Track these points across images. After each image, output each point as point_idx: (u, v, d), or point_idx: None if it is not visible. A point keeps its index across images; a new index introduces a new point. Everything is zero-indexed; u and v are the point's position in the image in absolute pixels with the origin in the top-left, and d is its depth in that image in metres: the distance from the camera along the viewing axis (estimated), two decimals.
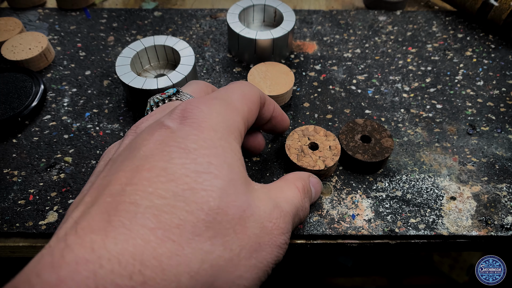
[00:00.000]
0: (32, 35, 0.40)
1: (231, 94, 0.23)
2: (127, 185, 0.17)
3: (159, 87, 0.32)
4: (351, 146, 0.31)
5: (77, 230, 0.15)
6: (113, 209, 0.16)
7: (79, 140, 0.34)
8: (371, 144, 0.31)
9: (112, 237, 0.15)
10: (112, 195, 0.17)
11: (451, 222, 0.28)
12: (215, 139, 0.19)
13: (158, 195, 0.16)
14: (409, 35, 0.44)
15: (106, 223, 0.15)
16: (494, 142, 0.34)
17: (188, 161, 0.17)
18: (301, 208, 0.23)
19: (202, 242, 0.16)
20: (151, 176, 0.17)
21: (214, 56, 0.41)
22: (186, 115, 0.19)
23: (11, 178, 0.31)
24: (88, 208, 0.17)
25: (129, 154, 0.19)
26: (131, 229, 0.15)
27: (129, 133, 0.22)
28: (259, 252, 0.19)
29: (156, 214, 0.16)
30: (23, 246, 0.28)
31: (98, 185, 0.18)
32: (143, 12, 0.47)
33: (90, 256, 0.14)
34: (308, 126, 0.31)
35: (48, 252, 0.15)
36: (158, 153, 0.18)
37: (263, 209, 0.19)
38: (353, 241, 0.28)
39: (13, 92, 0.35)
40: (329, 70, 0.40)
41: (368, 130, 0.32)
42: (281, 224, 0.20)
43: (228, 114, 0.21)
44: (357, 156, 0.30)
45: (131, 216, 0.16)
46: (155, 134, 0.19)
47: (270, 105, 0.27)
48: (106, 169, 0.19)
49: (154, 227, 0.16)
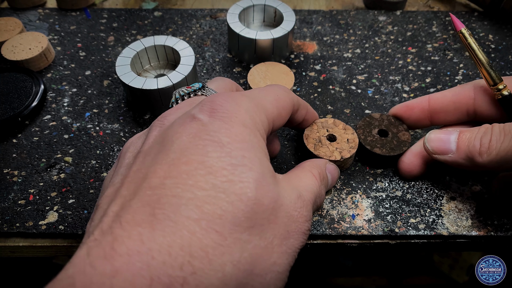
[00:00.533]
0: (32, 35, 0.40)
1: (264, 95, 0.23)
2: (166, 178, 0.17)
3: (159, 87, 0.32)
4: (369, 141, 0.31)
5: (122, 223, 0.16)
6: (156, 202, 0.16)
7: (79, 140, 0.34)
8: (388, 138, 0.31)
9: (160, 230, 0.15)
10: (152, 188, 0.17)
11: (451, 222, 0.29)
12: (245, 134, 0.19)
13: (199, 187, 0.17)
14: (409, 35, 0.44)
15: (151, 216, 0.16)
16: None
17: (223, 154, 0.18)
18: (319, 195, 0.24)
19: (241, 232, 0.17)
20: (190, 169, 0.17)
21: (214, 56, 0.41)
22: (216, 108, 0.20)
23: (11, 178, 0.31)
24: (128, 201, 0.17)
25: (162, 148, 0.19)
26: (177, 221, 0.16)
27: (156, 124, 0.22)
28: (288, 239, 0.19)
29: (199, 205, 0.16)
30: (23, 246, 0.28)
31: (134, 177, 0.18)
32: (143, 12, 0.47)
33: (141, 248, 0.15)
34: (327, 118, 0.31)
35: (96, 245, 0.15)
36: (193, 146, 0.18)
37: (289, 199, 0.20)
38: (353, 241, 0.28)
39: (13, 92, 0.36)
40: (329, 70, 0.40)
41: (385, 124, 0.32)
42: (305, 212, 0.21)
43: (255, 112, 0.21)
44: (376, 150, 0.30)
45: (175, 209, 0.16)
46: (187, 127, 0.19)
47: (303, 110, 0.28)
48: (137, 161, 0.19)
49: (198, 218, 0.16)
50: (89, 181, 0.31)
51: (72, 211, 0.29)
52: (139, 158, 0.20)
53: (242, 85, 0.38)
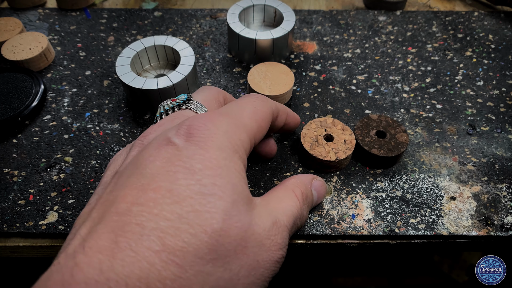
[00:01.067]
0: (32, 35, 0.40)
1: (242, 110, 0.23)
2: (133, 205, 0.17)
3: (159, 87, 0.32)
4: (366, 141, 0.31)
5: (85, 249, 0.16)
6: (120, 229, 0.16)
7: (79, 140, 0.34)
8: (386, 139, 0.31)
9: (120, 259, 0.15)
10: (119, 214, 0.17)
11: (451, 222, 0.28)
12: (220, 158, 0.19)
13: (163, 217, 0.17)
14: (409, 35, 0.44)
15: (113, 243, 0.16)
16: (494, 142, 0.34)
17: (193, 182, 0.18)
18: (299, 217, 0.23)
19: (204, 265, 0.17)
20: (157, 197, 0.17)
21: (214, 56, 0.41)
22: (193, 132, 0.20)
23: (11, 178, 0.31)
24: (95, 225, 0.17)
25: (135, 170, 0.19)
26: (137, 252, 0.16)
27: (136, 143, 0.22)
28: (258, 269, 0.19)
29: (161, 236, 0.16)
30: (23, 246, 0.28)
31: (105, 200, 0.18)
32: (143, 12, 0.47)
33: (99, 277, 0.15)
34: (326, 118, 0.31)
35: (57, 269, 0.15)
36: (164, 172, 0.18)
37: (262, 226, 0.20)
38: (353, 241, 0.28)
39: (13, 92, 0.35)
40: (329, 70, 0.40)
41: (383, 126, 0.32)
42: (279, 240, 0.20)
43: (235, 133, 0.21)
44: (373, 151, 0.30)
45: (137, 238, 0.16)
46: (161, 151, 0.19)
47: (283, 115, 0.27)
48: (112, 182, 0.20)
49: (159, 249, 0.16)
50: (89, 181, 0.31)
51: (72, 211, 0.29)
52: (114, 179, 0.20)
53: (242, 85, 0.38)
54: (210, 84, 0.38)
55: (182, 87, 0.34)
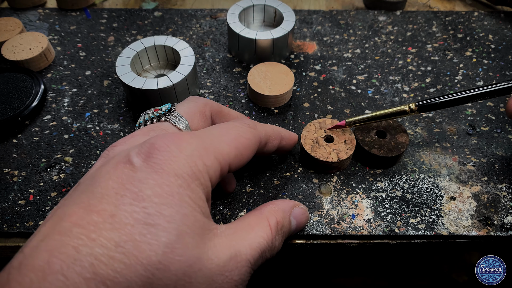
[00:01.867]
0: (32, 35, 0.40)
1: (222, 135, 0.22)
2: (75, 226, 0.17)
3: (159, 87, 0.32)
4: (367, 141, 0.31)
5: (21, 267, 0.16)
6: (57, 250, 0.16)
7: (79, 140, 0.34)
8: (386, 139, 0.31)
9: (49, 282, 0.15)
10: (61, 233, 0.17)
11: (451, 222, 0.29)
12: (174, 186, 0.18)
13: (99, 243, 0.16)
14: (409, 35, 0.44)
15: (46, 264, 0.16)
16: (494, 142, 0.34)
17: (137, 209, 0.17)
18: (269, 249, 0.22)
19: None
20: (98, 221, 0.17)
21: (214, 56, 0.41)
22: (152, 152, 0.19)
23: (11, 178, 0.31)
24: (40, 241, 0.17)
25: (89, 186, 0.18)
26: (67, 277, 0.15)
27: (103, 154, 0.22)
28: None
29: (94, 263, 0.16)
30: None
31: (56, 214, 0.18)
32: (143, 12, 0.47)
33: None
34: (325, 119, 0.31)
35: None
36: (113, 195, 0.18)
37: (216, 261, 0.19)
38: (353, 241, 0.28)
39: (13, 92, 0.36)
40: (329, 70, 0.40)
41: (383, 126, 0.32)
42: (235, 277, 0.19)
43: (200, 157, 0.20)
44: (373, 151, 0.30)
45: (70, 262, 0.16)
46: (118, 170, 0.19)
47: (275, 140, 0.26)
48: (70, 193, 0.19)
49: (89, 277, 0.15)
50: None
51: None
52: (72, 190, 0.20)
53: (242, 85, 0.38)
54: (210, 84, 0.39)
55: (182, 87, 0.34)
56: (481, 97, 0.28)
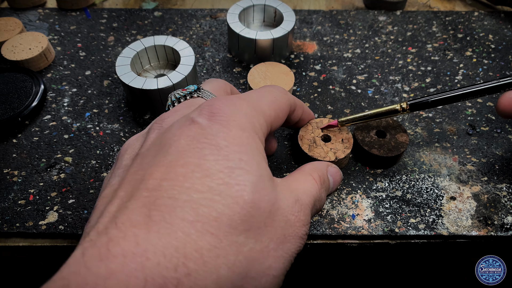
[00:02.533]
0: (32, 35, 0.40)
1: (262, 98, 0.23)
2: (163, 180, 0.17)
3: (159, 87, 0.32)
4: (366, 141, 0.31)
5: (118, 224, 0.16)
6: (152, 203, 0.16)
7: (79, 140, 0.34)
8: (386, 139, 0.31)
9: (155, 231, 0.15)
10: (149, 190, 0.17)
11: (451, 222, 0.29)
12: (244, 137, 0.19)
13: (195, 190, 0.17)
14: (409, 35, 0.44)
15: (147, 217, 0.16)
16: (494, 142, 0.34)
17: (220, 157, 0.18)
18: (318, 199, 0.24)
19: (237, 235, 0.17)
20: (186, 171, 0.17)
21: (214, 56, 0.41)
22: (215, 111, 0.20)
23: (11, 178, 0.31)
24: (125, 202, 0.17)
25: (160, 150, 0.19)
26: (172, 223, 0.16)
27: (154, 126, 0.22)
28: (285, 244, 0.19)
29: (195, 207, 0.16)
30: (23, 246, 0.28)
31: (131, 179, 0.18)
32: (143, 12, 0.47)
33: (136, 249, 0.15)
34: (322, 118, 0.31)
35: (91, 245, 0.15)
36: (190, 149, 0.18)
37: (286, 203, 0.20)
38: (353, 241, 0.28)
39: (13, 92, 0.36)
40: (329, 70, 0.40)
41: (383, 126, 0.32)
42: (302, 217, 0.21)
43: (254, 116, 0.21)
44: (373, 151, 0.30)
45: (170, 210, 0.16)
46: (185, 130, 0.19)
47: (300, 109, 0.28)
48: (135, 163, 0.19)
49: (193, 220, 0.16)
50: (89, 181, 0.31)
51: (72, 211, 0.29)
52: (137, 160, 0.20)
53: (242, 85, 0.38)
54: None
55: (182, 87, 0.34)
56: (473, 95, 0.28)
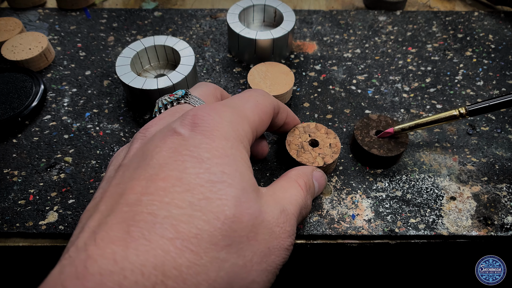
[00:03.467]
0: (32, 35, 0.40)
1: (245, 103, 0.23)
2: (143, 195, 0.17)
3: (159, 87, 0.32)
4: (366, 141, 0.31)
5: (97, 241, 0.15)
6: (131, 219, 0.16)
7: (79, 140, 0.34)
8: (386, 139, 0.31)
9: (133, 248, 0.15)
10: (129, 205, 0.17)
11: (451, 222, 0.28)
12: (227, 148, 0.19)
13: (175, 205, 0.17)
14: (409, 35, 0.44)
15: (125, 233, 0.16)
16: (494, 142, 0.34)
17: (201, 170, 0.18)
18: (304, 206, 0.24)
19: (218, 251, 0.17)
20: (167, 186, 0.17)
21: (214, 56, 0.41)
22: (198, 122, 0.19)
23: (11, 178, 0.31)
24: (105, 217, 0.17)
25: (141, 162, 0.19)
26: (151, 240, 0.15)
27: (138, 136, 0.22)
28: (269, 256, 0.19)
29: (174, 224, 0.16)
30: (23, 246, 0.28)
31: (112, 193, 0.18)
32: (143, 12, 0.47)
33: (114, 267, 0.15)
34: (309, 123, 0.31)
35: (70, 263, 0.15)
36: (172, 162, 0.18)
37: (271, 214, 0.20)
38: (353, 241, 0.28)
39: (13, 92, 0.35)
40: (329, 70, 0.40)
41: (382, 125, 0.32)
42: (288, 228, 0.21)
43: (239, 123, 0.21)
44: (373, 151, 0.30)
45: (150, 227, 0.16)
46: (167, 141, 0.19)
47: (284, 113, 0.27)
48: (118, 175, 0.19)
49: (173, 237, 0.16)
50: (89, 181, 0.31)
51: (72, 211, 0.29)
52: (119, 172, 0.20)
53: (242, 85, 0.38)
54: None
55: (182, 87, 0.34)
56: None
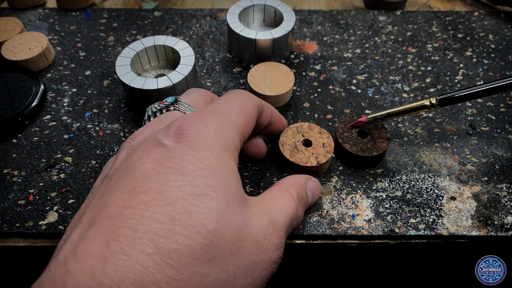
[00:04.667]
0: (32, 35, 0.40)
1: (228, 107, 0.22)
2: (124, 208, 0.17)
3: (159, 87, 0.32)
4: (344, 136, 0.31)
5: (77, 255, 0.15)
6: (111, 233, 0.16)
7: (79, 140, 0.34)
8: (365, 140, 0.31)
9: (112, 263, 0.15)
10: (110, 218, 0.17)
11: (451, 222, 0.28)
12: (212, 158, 0.19)
13: (155, 219, 0.16)
14: (409, 35, 0.44)
15: (105, 247, 0.15)
16: (494, 142, 0.34)
17: (184, 183, 0.17)
18: (295, 217, 0.23)
19: (199, 266, 0.16)
20: (148, 199, 0.17)
21: (214, 56, 0.41)
22: (182, 133, 0.19)
23: (11, 178, 0.31)
24: (86, 230, 0.17)
25: (125, 173, 0.18)
26: (130, 255, 0.15)
27: (124, 146, 0.22)
28: (255, 270, 0.19)
29: (154, 239, 0.16)
30: (23, 246, 0.28)
31: (95, 205, 0.18)
32: (143, 12, 0.47)
33: (92, 283, 0.14)
34: (302, 123, 0.31)
35: (49, 277, 0.15)
36: (155, 174, 0.18)
37: (258, 227, 0.19)
38: (353, 241, 0.28)
39: (13, 92, 0.35)
40: (329, 70, 0.40)
41: (368, 127, 0.32)
42: (276, 240, 0.20)
43: (225, 131, 0.20)
44: (345, 145, 0.30)
45: (129, 242, 0.16)
46: (151, 153, 0.19)
47: (268, 112, 0.27)
48: (102, 186, 0.19)
49: (152, 252, 0.16)
50: (89, 181, 0.31)
51: (72, 211, 0.29)
52: (103, 183, 0.19)
53: (242, 85, 0.38)
54: (210, 84, 0.39)
55: (182, 87, 0.34)
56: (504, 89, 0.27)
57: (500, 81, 0.27)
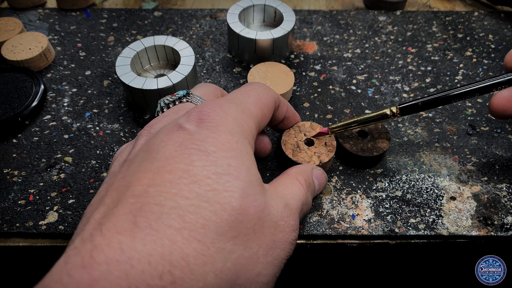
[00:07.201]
0: (32, 35, 0.40)
1: (247, 98, 0.23)
2: (149, 186, 0.17)
3: (159, 87, 0.32)
4: (344, 135, 0.31)
5: (103, 231, 0.15)
6: (138, 210, 0.16)
7: (79, 140, 0.34)
8: (365, 140, 0.31)
9: (140, 238, 0.15)
10: (136, 196, 0.17)
11: (451, 222, 0.29)
12: (232, 142, 0.19)
13: (182, 196, 0.17)
14: (409, 35, 0.44)
15: (132, 224, 0.16)
16: (494, 142, 0.34)
17: (208, 163, 0.18)
18: (305, 202, 0.24)
19: (225, 242, 0.17)
20: (174, 177, 0.17)
21: (214, 56, 0.41)
22: (203, 117, 0.20)
23: (11, 178, 0.31)
24: (111, 209, 0.17)
25: (147, 156, 0.19)
26: (158, 230, 0.15)
27: (142, 133, 0.22)
28: (274, 250, 0.19)
29: (182, 214, 0.16)
30: (23, 246, 0.28)
31: (118, 186, 0.18)
32: (143, 12, 0.47)
33: (120, 257, 0.15)
34: (304, 122, 0.31)
35: (75, 253, 0.15)
36: (178, 155, 0.18)
37: (275, 208, 0.20)
38: (353, 241, 0.28)
39: (13, 92, 0.35)
40: (329, 70, 0.40)
41: (369, 127, 0.32)
42: (291, 222, 0.21)
43: (243, 119, 0.21)
44: (345, 145, 0.30)
45: (157, 217, 0.16)
46: (173, 136, 0.19)
47: (284, 106, 0.27)
48: (123, 169, 0.19)
49: (180, 227, 0.16)
50: (89, 181, 0.31)
51: (72, 211, 0.29)
52: (124, 167, 0.20)
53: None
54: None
55: (182, 87, 0.34)
56: (464, 96, 0.27)
57: (460, 89, 0.27)
